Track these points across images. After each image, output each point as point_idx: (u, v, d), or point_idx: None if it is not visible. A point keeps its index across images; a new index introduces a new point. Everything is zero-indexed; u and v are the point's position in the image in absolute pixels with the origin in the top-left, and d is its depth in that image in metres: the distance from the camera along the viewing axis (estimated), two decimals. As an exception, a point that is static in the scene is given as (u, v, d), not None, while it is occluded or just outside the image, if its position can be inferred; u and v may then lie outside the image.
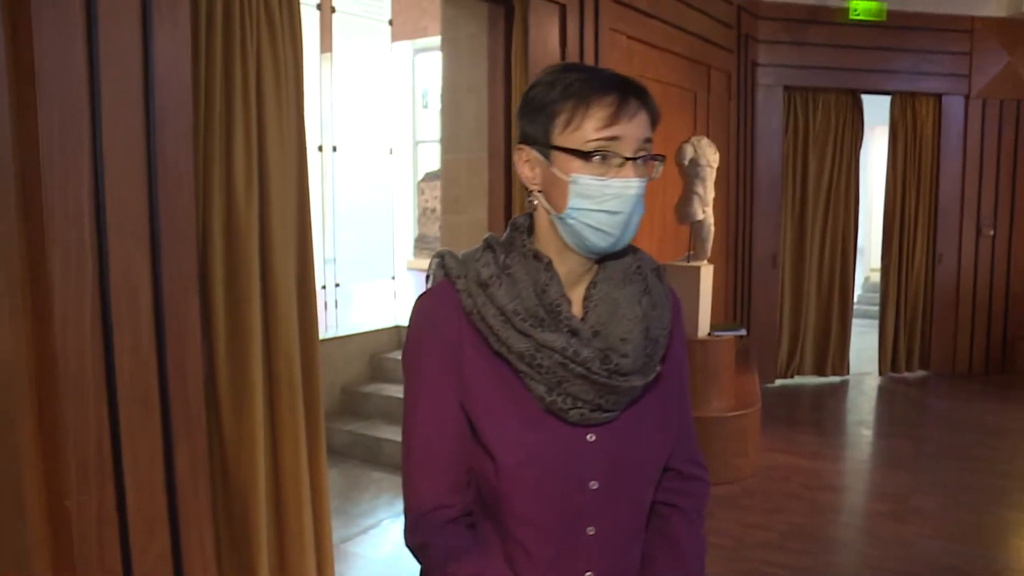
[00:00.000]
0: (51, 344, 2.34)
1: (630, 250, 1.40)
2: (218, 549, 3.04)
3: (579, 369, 1.27)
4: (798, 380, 8.13)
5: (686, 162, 5.25)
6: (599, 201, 1.27)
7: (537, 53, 4.37)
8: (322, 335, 5.89)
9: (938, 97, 8.06)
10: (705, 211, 5.30)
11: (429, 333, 1.35)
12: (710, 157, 5.23)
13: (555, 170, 1.29)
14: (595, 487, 1.33)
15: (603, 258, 1.36)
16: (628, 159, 1.27)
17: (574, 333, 1.29)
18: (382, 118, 6.44)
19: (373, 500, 5.03)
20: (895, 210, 8.15)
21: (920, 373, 8.41)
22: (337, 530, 4.30)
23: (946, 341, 8.35)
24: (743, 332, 5.75)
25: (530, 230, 1.38)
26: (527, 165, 1.34)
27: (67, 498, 2.40)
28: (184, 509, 2.73)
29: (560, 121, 1.28)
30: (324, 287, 6.07)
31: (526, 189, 1.36)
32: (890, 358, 8.27)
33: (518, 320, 1.28)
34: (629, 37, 5.34)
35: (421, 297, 1.39)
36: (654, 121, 1.32)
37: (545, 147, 1.30)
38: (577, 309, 1.35)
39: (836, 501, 5.02)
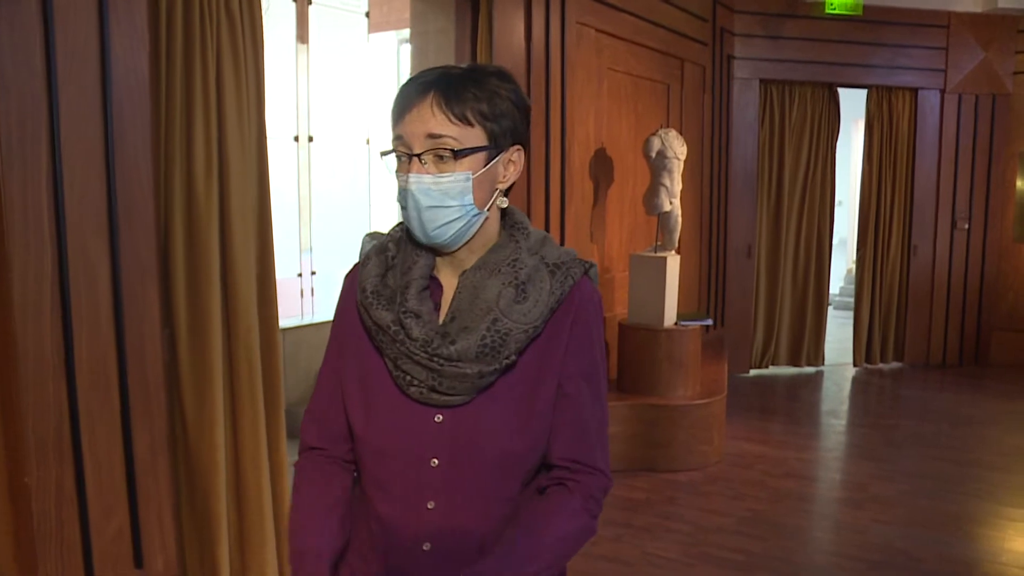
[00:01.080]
0: (11, 329, 2.42)
1: (513, 241, 1.43)
2: (179, 528, 3.15)
3: (403, 348, 1.36)
4: (773, 370, 8.24)
5: (653, 154, 5.33)
6: (398, 197, 1.38)
7: (502, 47, 4.45)
8: (298, 322, 6.01)
9: (914, 91, 8.15)
10: (672, 203, 5.39)
11: (338, 305, 1.52)
12: (677, 149, 5.31)
13: None
14: (436, 464, 1.40)
15: (492, 248, 1.44)
16: (413, 155, 1.33)
17: (416, 315, 1.36)
18: (360, 108, 6.51)
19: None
20: (871, 203, 8.25)
21: (895, 364, 8.53)
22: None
23: (921, 333, 8.46)
24: (710, 322, 5.85)
25: None
26: None
27: (27, 475, 2.50)
28: (143, 489, 2.82)
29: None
30: (300, 275, 6.17)
31: None
32: (865, 349, 8.38)
33: (363, 296, 1.40)
34: (598, 31, 5.41)
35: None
36: (461, 116, 1.33)
37: None
38: (450, 294, 1.44)
39: (797, 488, 5.12)
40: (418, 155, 1.33)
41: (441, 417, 1.39)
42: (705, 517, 4.58)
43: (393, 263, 1.43)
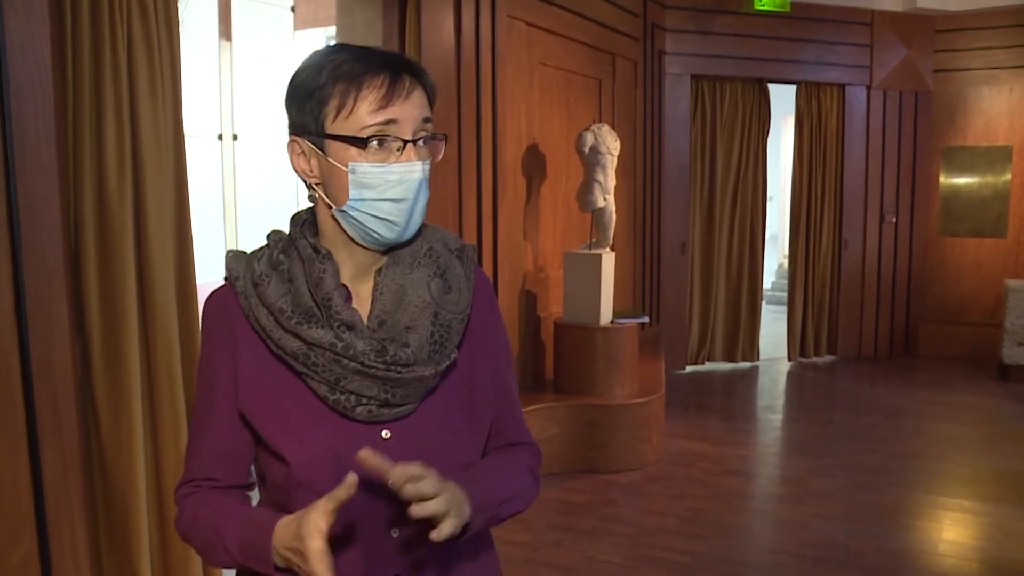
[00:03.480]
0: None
1: (420, 231, 1.33)
2: (97, 551, 2.95)
3: (353, 364, 1.21)
4: (709, 366, 8.25)
5: (586, 150, 5.26)
6: (381, 190, 1.22)
7: (431, 41, 4.32)
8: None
9: (841, 87, 8.25)
10: (606, 199, 5.32)
11: (205, 337, 1.34)
12: (610, 145, 5.25)
13: (332, 161, 1.23)
14: None
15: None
16: (408, 142, 1.22)
17: (349, 326, 1.23)
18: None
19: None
20: (802, 198, 8.33)
21: (828, 358, 8.62)
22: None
23: (852, 326, 8.57)
24: (646, 319, 5.79)
25: (313, 224, 1.32)
26: (301, 158, 1.27)
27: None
28: (53, 511, 2.63)
29: (332, 107, 1.21)
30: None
31: (304, 183, 1.30)
32: (799, 343, 8.45)
33: (285, 319, 1.23)
34: (529, 24, 5.32)
35: (206, 299, 1.35)
36: (432, 99, 1.27)
37: (319, 137, 1.23)
38: (366, 300, 1.31)
39: (738, 486, 5.09)
40: (413, 141, 1.23)
41: (388, 432, 1.27)
42: (647, 518, 4.51)
43: (289, 277, 1.27)
